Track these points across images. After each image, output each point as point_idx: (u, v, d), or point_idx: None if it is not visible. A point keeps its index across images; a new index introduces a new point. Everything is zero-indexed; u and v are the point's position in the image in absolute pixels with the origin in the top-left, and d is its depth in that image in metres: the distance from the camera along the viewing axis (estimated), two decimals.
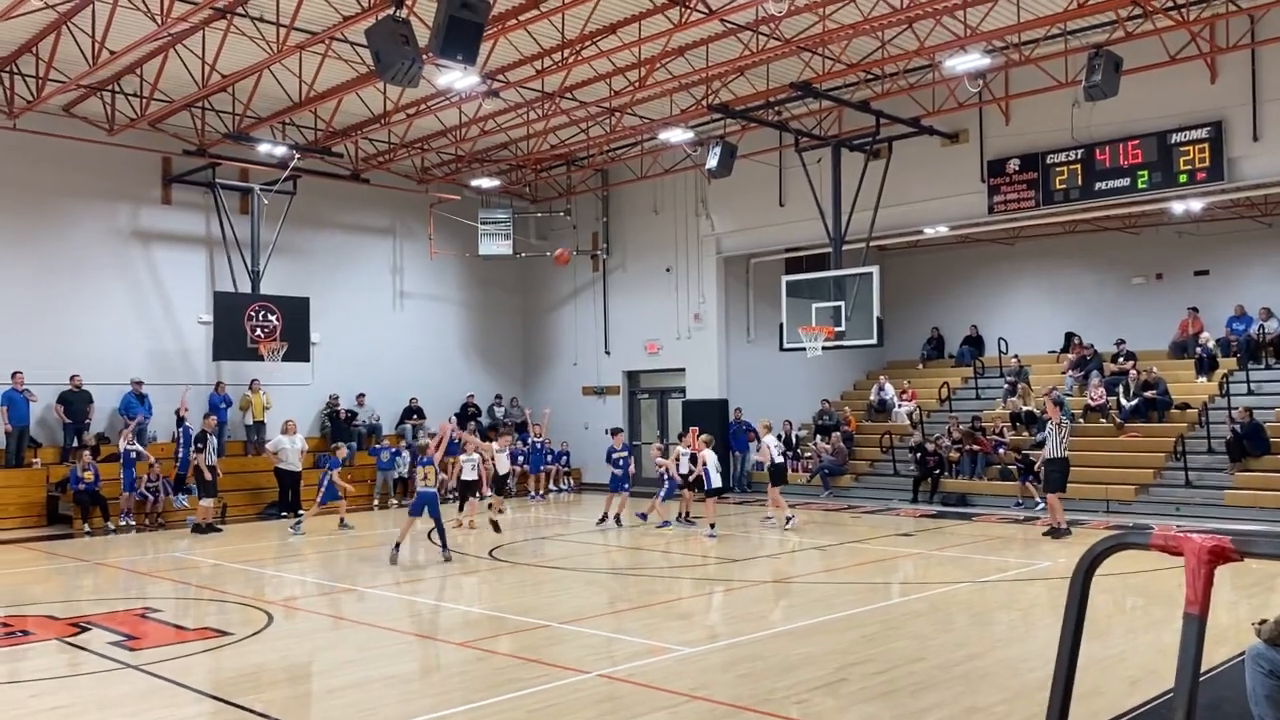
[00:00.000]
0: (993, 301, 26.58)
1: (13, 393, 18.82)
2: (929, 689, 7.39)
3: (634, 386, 26.25)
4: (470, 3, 11.28)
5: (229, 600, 11.54)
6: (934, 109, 19.31)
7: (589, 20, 15.46)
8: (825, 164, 20.21)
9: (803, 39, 16.00)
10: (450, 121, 20.97)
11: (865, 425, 24.39)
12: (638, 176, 24.28)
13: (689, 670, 8.08)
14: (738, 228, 23.81)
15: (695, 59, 17.35)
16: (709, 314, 24.22)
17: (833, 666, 8.06)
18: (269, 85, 17.95)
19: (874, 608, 10.52)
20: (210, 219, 21.98)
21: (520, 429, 26.00)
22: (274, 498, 20.33)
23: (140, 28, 14.88)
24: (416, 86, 13.50)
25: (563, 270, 26.96)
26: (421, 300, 25.65)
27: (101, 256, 20.73)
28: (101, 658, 8.72)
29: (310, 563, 14.98)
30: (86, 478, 18.03)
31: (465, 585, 12.81)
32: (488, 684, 7.80)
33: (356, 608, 11.46)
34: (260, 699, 7.41)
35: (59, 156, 19.87)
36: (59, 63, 16.60)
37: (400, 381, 24.56)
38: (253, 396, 21.86)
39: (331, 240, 24.05)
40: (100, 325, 20.55)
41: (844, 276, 19.45)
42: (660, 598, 11.51)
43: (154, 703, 7.39)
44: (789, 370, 23.79)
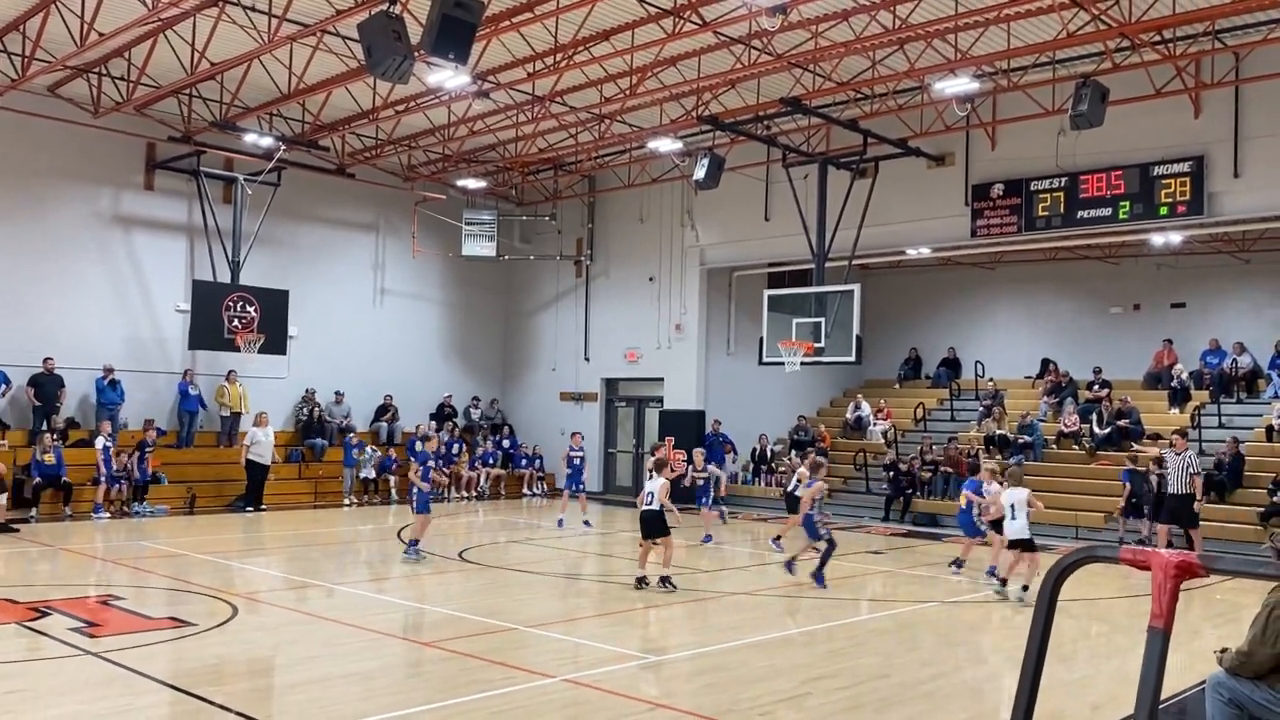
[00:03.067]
0: (971, 325, 26.76)
1: None
2: (893, 706, 7.40)
3: (612, 394, 26.22)
4: (464, 2, 11.27)
5: (194, 591, 11.43)
6: (921, 130, 19.43)
7: (583, 25, 15.46)
8: (812, 180, 20.28)
9: (794, 55, 16.07)
10: (439, 120, 20.92)
11: (840, 442, 24.45)
12: (625, 184, 24.30)
13: (654, 678, 8.06)
14: (722, 240, 23.85)
15: (687, 69, 17.39)
16: (690, 325, 24.24)
17: (798, 680, 8.06)
18: (258, 75, 17.85)
19: (841, 623, 10.54)
20: (192, 207, 21.82)
21: (496, 430, 25.97)
22: (242, 490, 20.17)
23: (130, 11, 14.77)
24: (407, 83, 13.49)
25: (546, 274, 26.96)
26: (402, 298, 25.54)
27: (81, 240, 20.53)
28: (61, 643, 8.62)
29: (278, 557, 14.86)
30: (46, 459, 17.84)
31: (433, 586, 12.73)
32: (452, 684, 7.75)
33: (323, 603, 11.37)
34: (220, 691, 7.34)
35: (42, 137, 19.69)
36: (46, 42, 16.45)
37: (377, 379, 24.43)
38: (229, 388, 21.69)
39: (314, 234, 23.93)
40: (77, 309, 20.35)
41: (825, 293, 19.51)
42: (628, 605, 11.47)
43: (112, 690, 7.31)
44: (767, 384, 23.84)
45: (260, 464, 19.95)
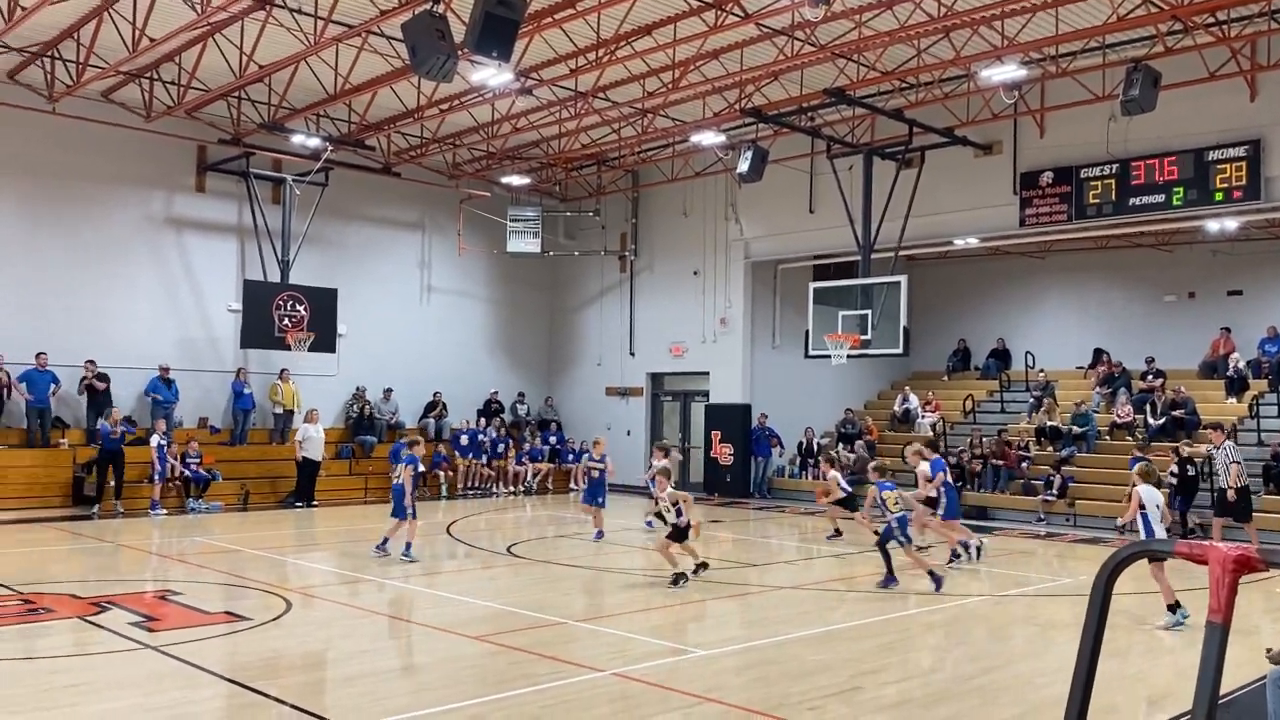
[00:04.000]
0: (1021, 315, 26.38)
1: (33, 372, 19.05)
2: (944, 701, 7.34)
3: (657, 389, 26.24)
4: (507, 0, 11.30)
5: (248, 586, 11.63)
6: (968, 119, 19.20)
7: (624, 20, 15.47)
8: (856, 171, 20.12)
9: (838, 45, 15.95)
10: (483, 118, 21.05)
11: (888, 435, 24.24)
12: (668, 178, 24.28)
13: (703, 672, 8.06)
14: (766, 233, 23.75)
15: (729, 62, 17.33)
16: (735, 318, 24.17)
17: (847, 674, 8.02)
18: (305, 77, 18.09)
19: (891, 618, 10.46)
20: (243, 208, 22.18)
21: (543, 426, 26.12)
22: (294, 486, 20.47)
23: (180, 16, 15.04)
24: (450, 82, 13.58)
25: (590, 270, 27.03)
26: (448, 296, 25.75)
27: (134, 242, 20.95)
28: (121, 637, 8.81)
29: (331, 552, 15.06)
30: (115, 434, 18.22)
31: (482, 580, 12.85)
32: (502, 678, 7.82)
33: (375, 598, 11.51)
34: (275, 684, 7.46)
35: (96, 142, 20.11)
36: (99, 49, 16.80)
37: (424, 376, 24.67)
38: (282, 386, 22.03)
39: (361, 233, 24.20)
40: (132, 310, 20.78)
41: (872, 285, 19.35)
42: (676, 600, 11.48)
43: (171, 684, 7.46)
44: (813, 377, 23.69)
45: (311, 460, 20.24)
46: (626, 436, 26.01)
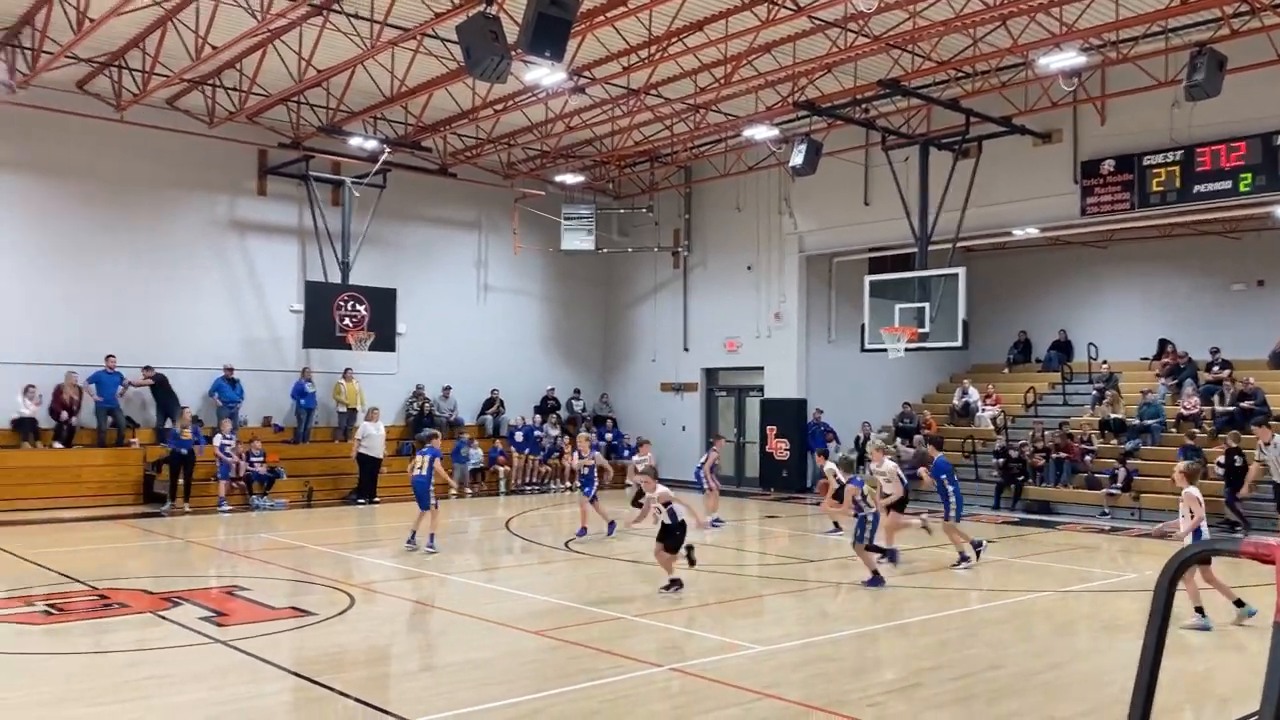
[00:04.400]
0: (1083, 305, 25.88)
1: (102, 374, 19.63)
2: (1006, 697, 7.27)
3: (712, 384, 26.22)
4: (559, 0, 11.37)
5: (313, 581, 11.87)
6: (1026, 108, 18.89)
7: (676, 17, 15.47)
8: (912, 163, 19.91)
9: (892, 36, 15.79)
10: (536, 117, 21.19)
11: (947, 429, 23.95)
12: (721, 173, 24.23)
13: (761, 668, 8.07)
14: (821, 226, 23.60)
15: (782, 56, 17.24)
16: (790, 313, 24.06)
17: (907, 671, 7.97)
18: (362, 80, 18.36)
19: (951, 613, 10.36)
20: (303, 210, 22.59)
21: (599, 422, 26.25)
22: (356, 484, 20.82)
23: (241, 23, 15.36)
24: (504, 83, 13.70)
25: (644, 266, 27.08)
26: (504, 294, 25.98)
27: (199, 246, 21.45)
28: (192, 632, 9.05)
29: (392, 548, 15.28)
30: (185, 435, 18.74)
31: (541, 575, 12.97)
32: (562, 673, 7.89)
33: (436, 593, 11.68)
34: (340, 679, 7.61)
35: (161, 149, 20.60)
36: (164, 57, 17.21)
37: (482, 374, 24.94)
38: (346, 385, 22.42)
39: (419, 233, 24.51)
40: (197, 312, 21.28)
41: (929, 277, 19.15)
42: (734, 595, 11.50)
43: (240, 677, 7.65)
44: (870, 371, 23.50)
45: (372, 457, 20.56)
46: (681, 432, 26.05)
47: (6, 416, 18.86)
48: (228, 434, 19.45)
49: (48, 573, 12.13)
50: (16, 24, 16.85)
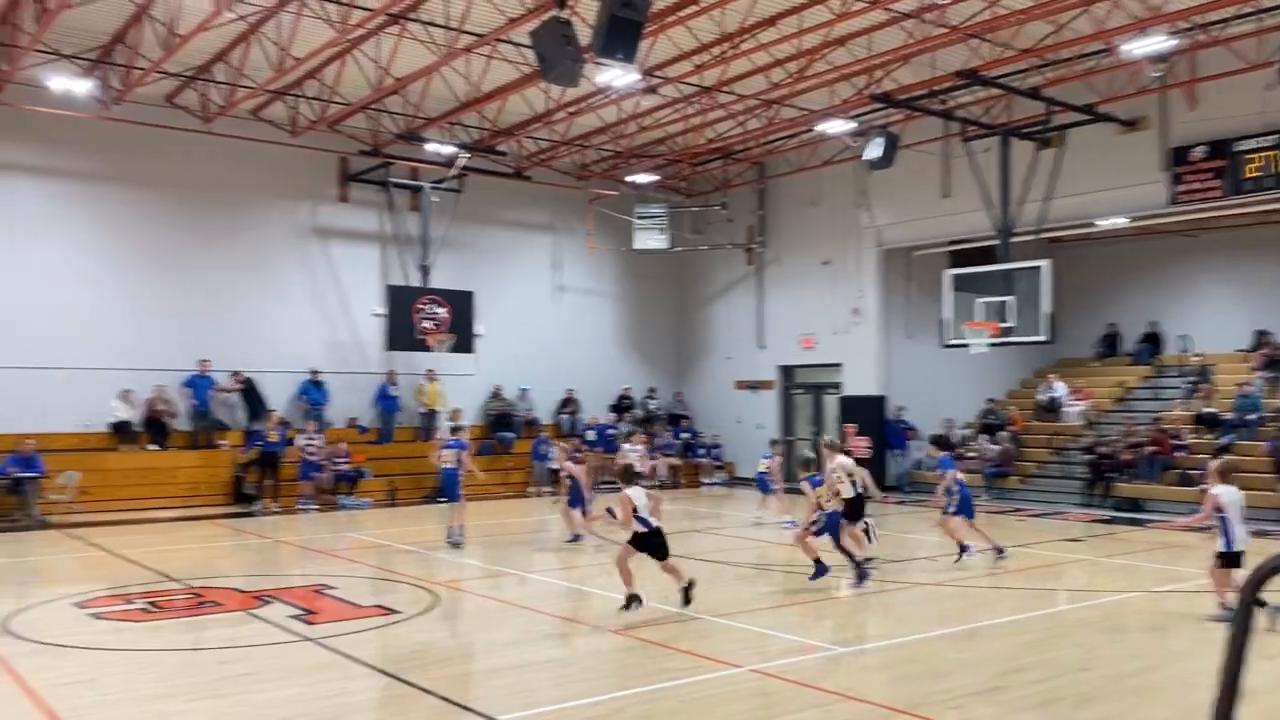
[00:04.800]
0: (1174, 297, 25.05)
1: (197, 378, 20.32)
2: (1095, 701, 7.09)
3: (788, 382, 26.03)
4: (631, 1, 11.40)
5: (398, 580, 12.11)
6: (1111, 94, 18.36)
7: (749, 13, 15.41)
8: (993, 153, 19.50)
9: (970, 25, 15.49)
10: (609, 118, 21.28)
11: (1033, 425, 23.45)
12: (795, 169, 24.03)
13: (841, 670, 8.00)
14: (899, 220, 23.25)
15: (857, 48, 17.04)
16: (868, 308, 23.76)
17: (991, 673, 7.83)
18: (438, 87, 18.66)
19: (1037, 614, 10.14)
20: (383, 216, 23.05)
21: (675, 420, 26.28)
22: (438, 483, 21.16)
23: (321, 35, 15.73)
24: (577, 86, 13.78)
25: (718, 264, 27.01)
26: (579, 294, 26.16)
27: (284, 252, 22.03)
28: (282, 630, 9.31)
29: (474, 546, 15.50)
30: (271, 437, 19.31)
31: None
32: (641, 672, 7.93)
33: (517, 591, 11.82)
34: (425, 676, 7.75)
35: (247, 158, 21.20)
36: (248, 70, 17.72)
37: (558, 374, 25.16)
38: (428, 386, 22.82)
39: (495, 236, 24.82)
40: (283, 317, 21.86)
41: (1012, 270, 18.75)
42: (813, 596, 11.41)
43: (329, 674, 7.85)
44: (952, 367, 23.08)
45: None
46: (757, 430, 25.92)
47: (105, 420, 19.59)
48: (311, 435, 19.92)
49: (145, 571, 12.59)
50: (110, 42, 17.49)
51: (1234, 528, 9.26)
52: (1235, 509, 9.31)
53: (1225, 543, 9.29)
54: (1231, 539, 9.24)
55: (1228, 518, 9.27)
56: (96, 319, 19.70)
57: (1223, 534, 9.30)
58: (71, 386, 19.25)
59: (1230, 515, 9.27)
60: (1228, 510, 9.27)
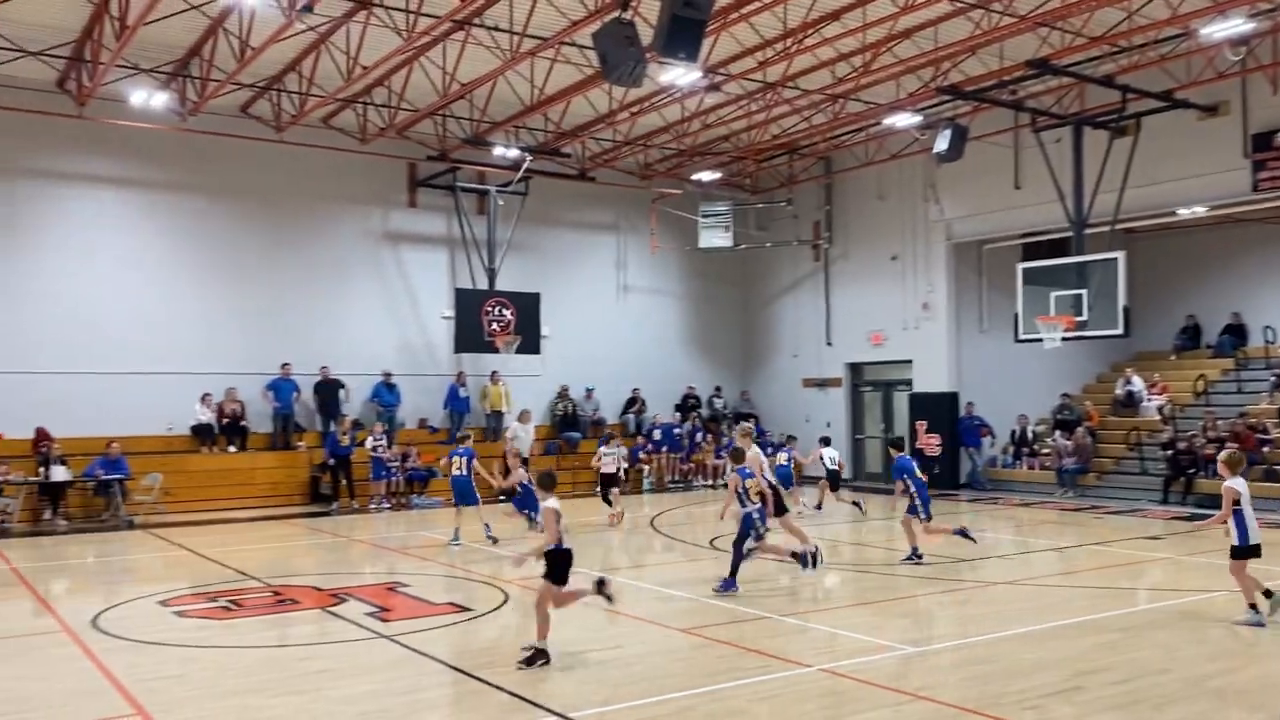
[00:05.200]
0: (1258, 287, 24.22)
1: (279, 381, 20.86)
2: (1175, 703, 6.92)
3: (857, 379, 25.78)
4: (693, 1, 11.41)
5: (469, 578, 12.27)
6: (1188, 80, 17.87)
7: (812, 8, 15.31)
8: (1065, 143, 19.10)
9: (1040, 14, 15.19)
10: (672, 117, 21.30)
11: (1109, 420, 22.91)
12: (862, 163, 23.80)
13: (913, 670, 7.92)
14: (969, 213, 22.89)
15: (923, 41, 16.82)
16: (938, 303, 23.43)
17: (1068, 673, 7.68)
18: (503, 91, 18.86)
19: (1115, 614, 9.91)
20: (451, 220, 23.38)
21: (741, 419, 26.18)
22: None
23: (388, 43, 16.01)
24: (640, 86, 13.82)
25: (783, 261, 26.85)
26: (643, 294, 26.22)
27: (356, 257, 22.47)
28: (358, 627, 9.51)
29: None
30: (344, 441, 19.74)
31: (687, 573, 13.03)
32: (709, 671, 7.94)
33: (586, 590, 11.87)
34: (497, 673, 7.86)
35: (318, 166, 21.67)
36: (318, 79, 18.11)
37: (623, 373, 25.26)
38: (492, 388, 23.10)
39: (560, 237, 25.01)
40: (355, 320, 22.32)
41: (1086, 263, 18.36)
42: (884, 595, 11.31)
43: (404, 671, 8.00)
44: (1025, 362, 22.63)
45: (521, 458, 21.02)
46: (826, 428, 25.71)
47: (186, 423, 20.18)
48: (378, 436, 20.25)
49: (225, 570, 12.94)
50: (185, 56, 18.01)
51: (1249, 520, 9.16)
52: (1247, 501, 9.22)
53: (1240, 536, 9.18)
54: (1246, 532, 9.14)
55: (1243, 511, 9.16)
56: (177, 325, 20.32)
57: (1238, 527, 9.16)
58: (155, 391, 19.89)
59: (1244, 508, 9.16)
60: (1243, 503, 9.16)
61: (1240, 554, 9.19)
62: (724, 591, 10.91)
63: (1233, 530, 9.20)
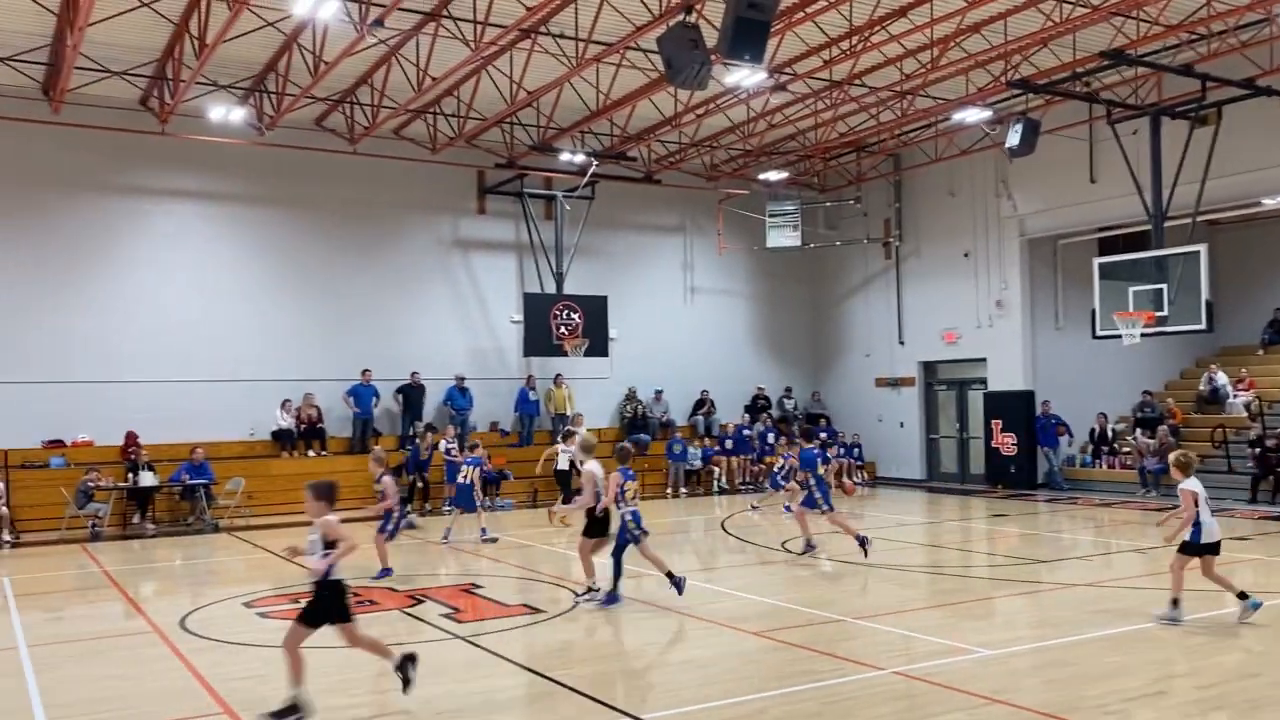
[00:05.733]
0: None
1: (359, 387, 21.32)
2: (1264, 708, 6.72)
3: (930, 378, 25.45)
4: (757, 2, 11.40)
5: (541, 580, 12.41)
6: (1272, 66, 17.29)
7: (878, 5, 15.17)
8: (1142, 135, 18.64)
9: (1113, 4, 14.85)
10: (738, 118, 21.26)
11: (1193, 418, 22.28)
12: (932, 159, 23.49)
13: (990, 673, 7.81)
14: (1043, 207, 22.46)
15: (993, 34, 16.55)
16: (1012, 300, 23.02)
17: (1150, 677, 7.51)
18: (569, 97, 19.02)
19: (1200, 617, 9.64)
20: (519, 226, 23.66)
21: (813, 420, 26.03)
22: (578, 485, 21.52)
23: (457, 54, 16.26)
24: (705, 89, 13.84)
25: (853, 259, 26.62)
26: (711, 295, 26.21)
27: (428, 264, 22.85)
28: (434, 628, 9.69)
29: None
30: (425, 456, 20.17)
31: (760, 576, 13.02)
32: (782, 674, 7.92)
33: (657, 592, 11.91)
34: (570, 674, 7.94)
35: (391, 176, 22.09)
36: (389, 91, 18.46)
37: (692, 375, 25.28)
38: (555, 391, 23.30)
39: (627, 240, 25.13)
40: (428, 326, 22.70)
41: (1166, 256, 17.89)
42: (959, 597, 11.16)
43: (479, 672, 8.13)
44: (1104, 359, 22.14)
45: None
46: (900, 428, 25.45)
47: (267, 429, 20.72)
48: (451, 439, 20.52)
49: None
50: (262, 71, 18.50)
51: (1205, 519, 9.13)
52: (1204, 501, 9.22)
53: (1195, 534, 9.12)
54: (1200, 530, 9.09)
55: (1199, 510, 9.14)
56: (257, 333, 20.89)
57: (1194, 525, 9.10)
58: (237, 397, 20.49)
59: (1200, 508, 9.14)
60: (1200, 503, 9.15)
61: (1190, 550, 9.16)
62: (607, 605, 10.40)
63: (1189, 529, 9.15)
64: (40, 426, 18.88)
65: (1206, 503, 9.23)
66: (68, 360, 19.29)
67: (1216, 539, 9.17)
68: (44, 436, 18.98)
